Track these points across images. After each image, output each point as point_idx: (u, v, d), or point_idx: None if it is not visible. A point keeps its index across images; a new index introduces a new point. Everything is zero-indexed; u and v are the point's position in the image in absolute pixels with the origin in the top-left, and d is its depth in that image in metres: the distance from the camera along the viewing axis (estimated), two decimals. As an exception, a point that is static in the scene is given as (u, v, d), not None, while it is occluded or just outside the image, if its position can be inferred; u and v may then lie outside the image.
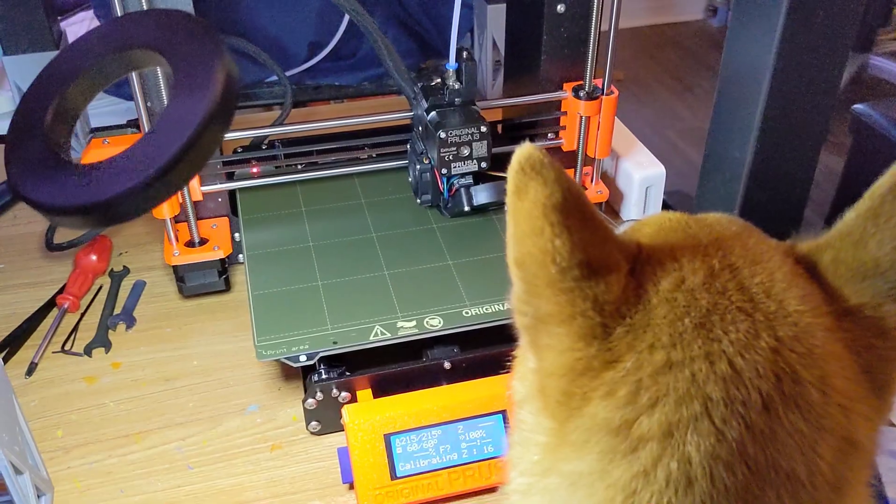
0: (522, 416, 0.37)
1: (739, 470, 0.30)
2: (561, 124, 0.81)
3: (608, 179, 0.87)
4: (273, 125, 0.81)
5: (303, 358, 0.63)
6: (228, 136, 0.75)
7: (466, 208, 0.76)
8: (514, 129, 0.85)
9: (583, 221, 0.31)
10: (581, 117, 0.77)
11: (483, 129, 0.72)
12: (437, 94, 0.74)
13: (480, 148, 0.73)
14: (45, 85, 0.31)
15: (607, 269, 0.32)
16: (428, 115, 0.74)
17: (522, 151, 0.31)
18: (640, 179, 0.83)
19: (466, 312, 0.66)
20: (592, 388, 0.32)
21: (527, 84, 0.82)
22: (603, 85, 0.76)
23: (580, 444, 0.32)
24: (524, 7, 0.80)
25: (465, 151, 0.73)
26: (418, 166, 0.77)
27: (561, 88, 0.79)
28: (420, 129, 0.76)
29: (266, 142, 0.82)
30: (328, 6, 1.11)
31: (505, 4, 0.92)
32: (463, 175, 0.75)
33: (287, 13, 1.09)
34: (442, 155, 0.73)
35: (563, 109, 0.80)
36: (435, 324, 0.65)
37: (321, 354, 0.63)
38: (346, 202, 0.79)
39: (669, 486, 0.30)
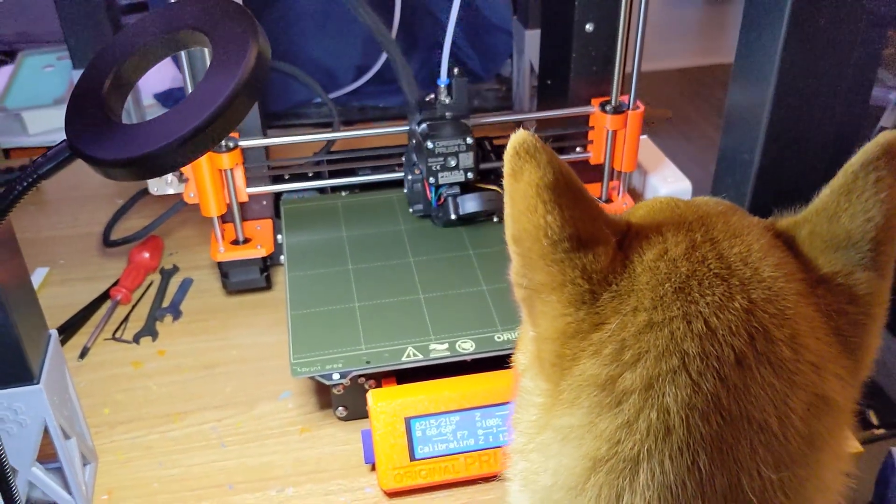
0: (524, 383, 0.40)
1: (714, 419, 0.32)
2: (589, 138, 0.84)
3: (636, 195, 0.90)
4: (325, 136, 0.86)
5: (335, 376, 0.64)
6: (278, 141, 0.80)
7: (453, 217, 0.78)
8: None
9: (573, 200, 0.34)
10: (608, 131, 0.80)
11: (469, 140, 0.76)
12: (431, 108, 0.78)
13: (467, 159, 0.76)
14: (105, 59, 0.36)
15: (595, 242, 0.35)
16: (419, 127, 0.78)
17: (517, 137, 0.34)
18: (665, 194, 0.85)
19: (498, 337, 0.67)
20: (581, 349, 0.35)
21: (558, 101, 0.85)
22: (629, 100, 0.80)
23: (571, 400, 0.35)
24: (556, 29, 0.84)
25: (452, 162, 0.76)
26: (410, 177, 0.80)
27: (589, 104, 0.83)
28: (413, 141, 0.80)
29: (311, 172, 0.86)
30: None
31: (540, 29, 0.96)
32: (450, 185, 0.78)
33: (335, 39, 1.15)
34: (430, 164, 0.76)
35: (590, 124, 0.83)
36: (467, 347, 0.66)
37: (354, 373, 0.65)
38: (385, 228, 0.81)
39: (650, 435, 0.32)
